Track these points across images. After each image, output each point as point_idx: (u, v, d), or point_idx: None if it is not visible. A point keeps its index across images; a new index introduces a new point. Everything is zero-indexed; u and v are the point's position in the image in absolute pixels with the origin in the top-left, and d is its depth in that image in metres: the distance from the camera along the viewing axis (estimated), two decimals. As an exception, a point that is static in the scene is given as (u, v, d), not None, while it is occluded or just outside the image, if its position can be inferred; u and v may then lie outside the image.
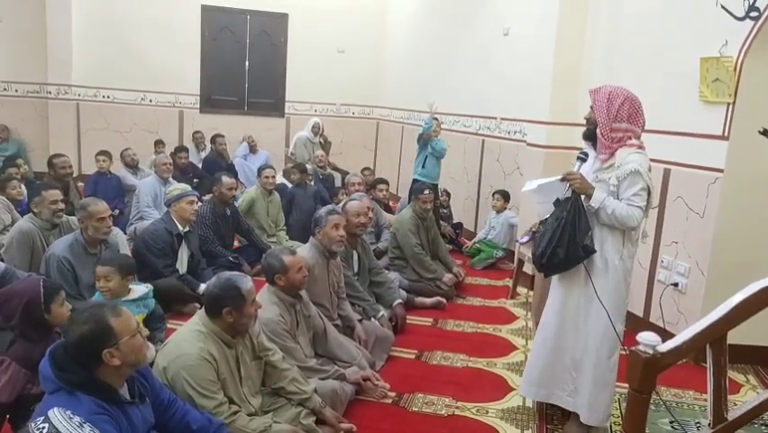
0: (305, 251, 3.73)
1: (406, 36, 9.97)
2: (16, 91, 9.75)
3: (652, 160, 4.26)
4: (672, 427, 3.21)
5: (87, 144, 9.60)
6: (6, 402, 2.46)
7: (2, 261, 3.82)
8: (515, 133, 6.50)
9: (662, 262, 4.35)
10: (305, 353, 3.27)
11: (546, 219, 3.05)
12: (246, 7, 10.34)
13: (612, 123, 2.90)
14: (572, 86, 5.31)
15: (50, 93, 9.67)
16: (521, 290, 5.46)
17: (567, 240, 2.87)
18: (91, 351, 2.02)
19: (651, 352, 2.00)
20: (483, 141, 7.22)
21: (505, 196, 6.42)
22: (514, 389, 3.61)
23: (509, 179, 6.57)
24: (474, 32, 7.53)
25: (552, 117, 5.41)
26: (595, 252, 2.91)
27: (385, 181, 6.55)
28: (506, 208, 6.42)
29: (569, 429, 3.15)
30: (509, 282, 5.58)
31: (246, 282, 2.71)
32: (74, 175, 6.81)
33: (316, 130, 9.12)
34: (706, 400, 2.33)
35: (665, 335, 2.31)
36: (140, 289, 3.43)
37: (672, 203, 4.29)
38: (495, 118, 6.94)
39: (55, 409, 1.74)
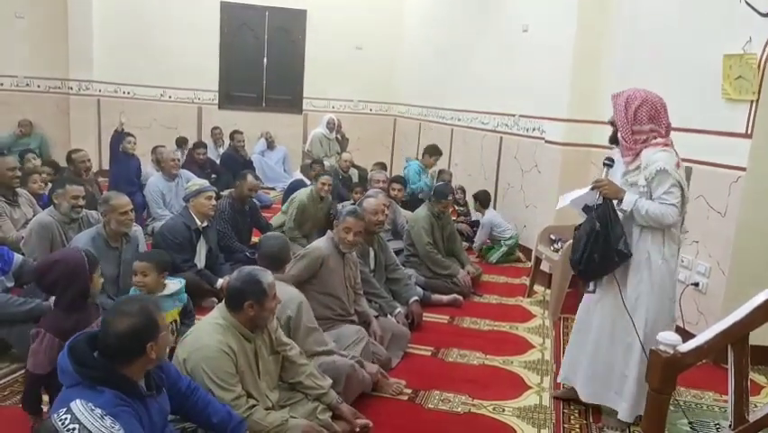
0: (321, 241, 3.81)
1: (424, 33, 9.94)
2: (38, 87, 9.88)
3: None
4: (692, 427, 3.17)
5: (107, 140, 9.66)
6: (43, 374, 2.54)
7: (21, 253, 3.87)
8: (533, 130, 6.46)
9: (683, 261, 4.29)
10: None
11: (581, 225, 3.06)
12: (265, 4, 10.39)
13: (632, 126, 2.93)
14: (592, 83, 5.26)
15: (71, 89, 9.79)
16: (538, 288, 5.42)
17: (601, 245, 2.90)
18: (137, 343, 2.07)
19: (671, 352, 1.99)
20: (501, 138, 7.18)
21: (476, 197, 6.56)
22: (531, 387, 3.60)
23: (527, 176, 6.53)
24: (493, 28, 7.49)
25: (570, 114, 5.37)
26: (630, 256, 2.94)
27: (400, 180, 6.51)
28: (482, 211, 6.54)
29: (610, 423, 3.16)
30: (526, 280, 5.55)
31: (267, 276, 2.73)
32: (94, 171, 6.89)
33: (331, 126, 9.13)
34: (726, 401, 2.31)
35: (685, 335, 2.29)
36: (174, 284, 3.47)
37: (693, 202, 4.21)
38: (513, 115, 6.90)
39: (77, 400, 1.76)
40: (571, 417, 3.27)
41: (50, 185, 5.52)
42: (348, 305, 3.79)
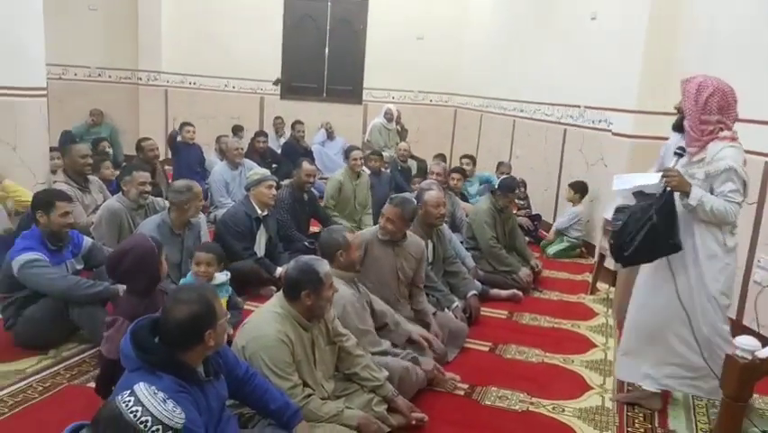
0: (368, 229, 3.87)
1: (488, 21, 9.76)
2: (110, 77, 10.26)
3: (750, 152, 4.01)
4: (766, 438, 3.00)
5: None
6: (116, 359, 2.59)
7: (91, 237, 4.02)
8: (599, 122, 6.24)
9: (759, 262, 4.06)
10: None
11: (624, 208, 2.96)
12: (328, -6, 10.45)
13: (701, 115, 2.83)
14: (664, 72, 5.03)
15: (140, 79, 10.13)
16: (602, 285, 5.25)
17: (654, 236, 2.81)
18: (196, 330, 2.10)
19: (749, 358, 1.86)
20: (565, 130, 6.97)
21: (575, 187, 6.23)
22: (592, 388, 3.48)
23: (592, 170, 6.32)
24: (559, 16, 7.27)
25: (640, 106, 5.16)
26: (682, 249, 2.84)
27: (460, 170, 6.40)
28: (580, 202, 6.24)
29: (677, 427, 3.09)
30: (589, 277, 5.38)
31: (324, 266, 2.72)
32: (160, 159, 7.09)
33: (389, 116, 9.10)
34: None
35: (760, 340, 2.14)
36: (221, 276, 3.57)
37: (775, 198, 3.99)
38: (578, 106, 6.69)
39: (141, 384, 1.79)
40: (635, 420, 3.14)
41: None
42: (397, 294, 3.75)
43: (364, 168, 6.68)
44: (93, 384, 3.00)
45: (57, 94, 9.73)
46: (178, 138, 7.76)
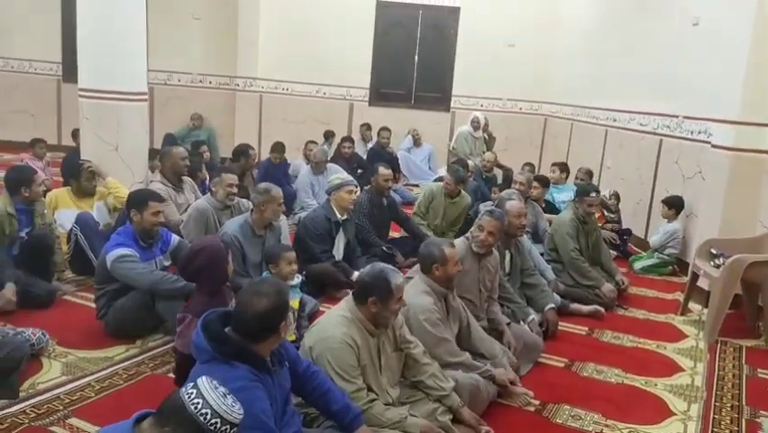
0: (457, 241, 3.75)
1: (581, 28, 9.45)
2: (210, 83, 10.77)
3: None
4: None
5: (267, 134, 10.33)
6: (189, 353, 2.73)
7: (181, 236, 4.23)
8: (698, 133, 5.89)
9: None
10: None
11: None
12: (419, 2, 10.48)
13: None
14: (770, 81, 4.69)
15: (237, 85, 10.57)
16: (694, 306, 4.93)
17: None
18: (273, 322, 2.18)
19: None
20: (661, 141, 6.63)
21: (669, 203, 5.87)
22: (675, 414, 3.28)
23: (689, 183, 5.96)
24: (659, 22, 6.93)
25: (743, 116, 4.82)
26: None
27: (542, 179, 6.21)
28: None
29: None
30: (680, 296, 5.07)
31: (397, 278, 2.71)
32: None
33: (476, 124, 9.00)
34: None
35: None
36: (295, 279, 3.65)
37: None
38: (676, 116, 6.34)
39: (203, 377, 1.85)
40: (721, 453, 2.94)
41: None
42: (479, 308, 3.70)
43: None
44: (173, 375, 3.16)
45: (161, 98, 10.40)
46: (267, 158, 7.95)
